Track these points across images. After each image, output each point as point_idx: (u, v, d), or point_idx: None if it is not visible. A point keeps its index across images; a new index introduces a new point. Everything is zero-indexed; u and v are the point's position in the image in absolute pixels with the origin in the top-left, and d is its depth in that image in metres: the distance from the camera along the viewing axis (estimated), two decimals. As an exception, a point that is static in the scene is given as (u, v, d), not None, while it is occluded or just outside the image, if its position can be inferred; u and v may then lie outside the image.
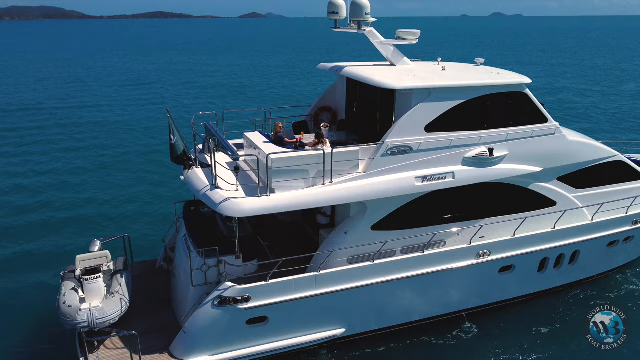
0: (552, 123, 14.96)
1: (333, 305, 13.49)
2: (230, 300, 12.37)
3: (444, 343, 14.69)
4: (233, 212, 11.93)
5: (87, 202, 25.95)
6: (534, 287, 16.39)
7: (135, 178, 29.62)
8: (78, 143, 37.65)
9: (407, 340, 14.70)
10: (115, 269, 13.93)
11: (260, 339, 13.13)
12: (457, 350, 14.46)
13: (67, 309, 12.24)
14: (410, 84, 13.27)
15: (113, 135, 39.74)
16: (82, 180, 29.22)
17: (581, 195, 16.15)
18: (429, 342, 14.71)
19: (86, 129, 41.85)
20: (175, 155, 13.79)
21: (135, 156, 34.12)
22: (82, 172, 30.85)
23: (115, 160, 33.10)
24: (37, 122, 44.51)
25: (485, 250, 14.64)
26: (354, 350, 14.29)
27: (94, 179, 29.48)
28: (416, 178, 13.32)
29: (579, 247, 16.16)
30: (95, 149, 35.78)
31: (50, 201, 25.96)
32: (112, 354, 12.64)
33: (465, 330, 15.14)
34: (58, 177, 29.95)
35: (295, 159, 12.46)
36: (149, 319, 13.81)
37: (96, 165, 32.10)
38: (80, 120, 45.36)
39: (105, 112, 48.79)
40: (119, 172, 30.71)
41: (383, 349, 14.41)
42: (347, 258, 13.55)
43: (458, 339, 14.86)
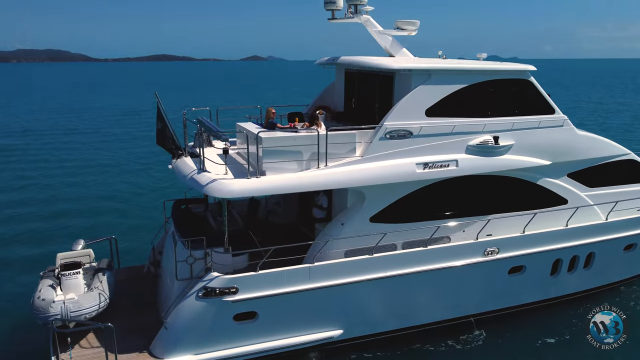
0: (560, 115, 14.32)
1: (328, 303, 12.42)
2: (216, 291, 11.34)
3: (444, 350, 13.62)
4: (220, 192, 11.11)
5: (74, 208, 25.92)
6: (547, 292, 15.26)
7: (130, 183, 30.22)
8: (72, 151, 39.41)
9: (409, 347, 13.58)
10: (97, 268, 13.05)
11: (249, 337, 11.99)
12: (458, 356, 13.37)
13: (40, 303, 11.37)
14: (410, 65, 12.69)
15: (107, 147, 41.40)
16: (70, 185, 30.02)
17: (593, 195, 15.30)
18: (431, 350, 13.59)
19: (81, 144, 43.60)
20: (161, 141, 13.16)
21: (128, 164, 35.30)
22: (74, 176, 31.86)
23: (109, 167, 34.56)
24: (35, 142, 45.65)
25: (493, 247, 13.67)
26: (351, 355, 13.13)
27: (84, 184, 30.26)
28: (417, 164, 12.54)
29: (593, 249, 15.15)
30: (90, 155, 37.46)
31: (36, 206, 25.84)
32: (86, 353, 11.54)
33: (469, 336, 14.07)
34: (45, 183, 30.59)
35: (287, 139, 11.74)
36: (131, 319, 12.75)
37: (90, 171, 33.51)
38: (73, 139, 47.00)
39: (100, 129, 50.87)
40: (114, 176, 31.69)
41: (384, 356, 13.26)
42: (344, 251, 12.59)
43: (463, 344, 13.78)
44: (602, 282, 16.16)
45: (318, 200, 13.80)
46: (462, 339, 13.93)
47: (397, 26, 14.63)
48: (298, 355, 12.65)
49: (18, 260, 19.40)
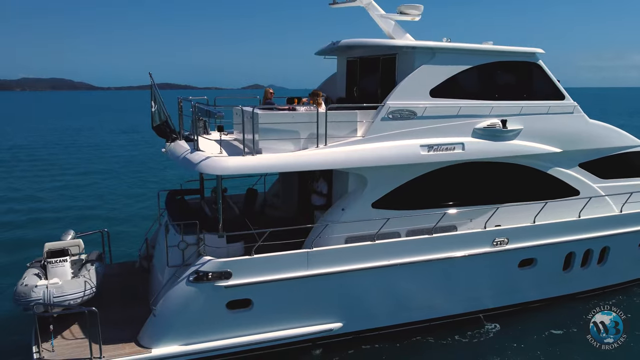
0: (570, 101, 13.80)
1: (328, 292, 11.63)
2: (209, 275, 10.58)
3: (445, 344, 12.86)
4: (214, 169, 10.48)
5: (68, 205, 26.37)
6: (560, 288, 14.43)
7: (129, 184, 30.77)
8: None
9: (410, 340, 12.80)
10: (87, 259, 12.42)
11: (243, 328, 11.16)
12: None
13: (23, 288, 10.67)
14: (413, 43, 12.25)
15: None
16: (68, 184, 31.04)
17: (606, 186, 14.65)
18: (432, 343, 12.85)
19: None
20: (156, 124, 12.60)
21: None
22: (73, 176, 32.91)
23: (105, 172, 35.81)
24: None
25: (502, 237, 12.94)
26: (349, 350, 12.29)
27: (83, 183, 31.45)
28: (421, 146, 11.94)
29: (608, 243, 14.40)
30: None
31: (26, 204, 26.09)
32: (69, 342, 10.75)
33: (468, 333, 13.26)
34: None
35: (285, 116, 11.19)
36: (119, 311, 11.94)
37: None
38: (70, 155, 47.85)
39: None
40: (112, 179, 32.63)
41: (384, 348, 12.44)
42: (345, 238, 11.86)
43: (460, 340, 13.03)
44: (616, 279, 15.35)
45: (317, 187, 13.13)
46: (461, 334, 13.12)
47: (400, 11, 14.15)
48: (295, 348, 11.79)
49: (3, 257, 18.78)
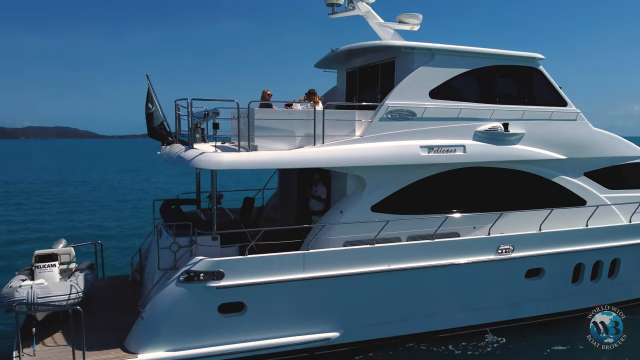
0: (573, 108, 13.59)
1: (325, 298, 11.05)
2: (200, 275, 10.05)
3: (442, 352, 12.21)
4: (208, 164, 10.17)
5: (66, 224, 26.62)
6: (570, 302, 13.71)
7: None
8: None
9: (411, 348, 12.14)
10: (77, 268, 11.99)
11: (235, 334, 10.53)
12: None
13: (7, 290, 10.28)
14: (412, 43, 12.14)
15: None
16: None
17: (613, 197, 14.21)
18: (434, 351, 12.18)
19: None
20: (152, 126, 12.36)
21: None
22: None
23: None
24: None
25: (507, 244, 12.43)
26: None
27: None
28: (421, 147, 11.65)
29: (618, 255, 13.83)
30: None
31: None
32: (52, 348, 10.15)
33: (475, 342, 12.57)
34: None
35: (281, 113, 11.02)
36: (106, 319, 11.41)
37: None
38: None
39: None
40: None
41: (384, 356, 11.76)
42: (344, 242, 11.38)
43: (459, 342, 12.51)
44: (628, 296, 14.64)
45: (316, 192, 12.76)
46: (464, 345, 12.44)
47: (400, 20, 14.18)
48: (290, 358, 11.10)
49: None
